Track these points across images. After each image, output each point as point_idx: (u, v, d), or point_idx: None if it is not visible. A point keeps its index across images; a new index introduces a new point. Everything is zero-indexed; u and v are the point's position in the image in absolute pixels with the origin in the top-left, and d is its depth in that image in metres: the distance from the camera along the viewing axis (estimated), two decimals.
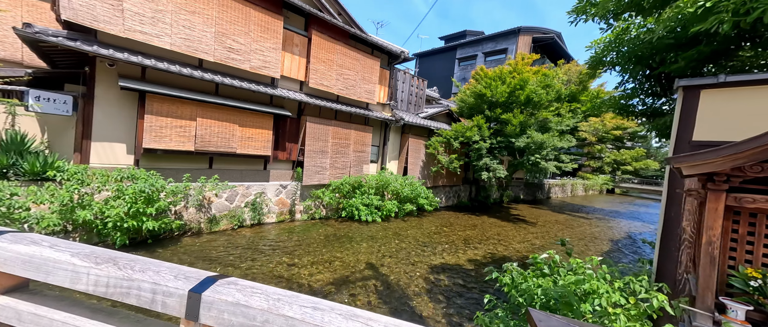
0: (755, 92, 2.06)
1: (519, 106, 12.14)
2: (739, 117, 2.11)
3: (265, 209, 8.04)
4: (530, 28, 28.10)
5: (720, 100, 2.20)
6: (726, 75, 2.06)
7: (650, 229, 13.42)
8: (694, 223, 2.27)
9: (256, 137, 7.57)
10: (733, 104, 2.13)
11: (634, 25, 3.85)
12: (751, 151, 0.93)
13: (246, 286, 1.01)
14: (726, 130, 2.14)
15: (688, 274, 1.27)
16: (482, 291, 5.10)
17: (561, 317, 0.82)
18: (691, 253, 2.29)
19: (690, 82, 2.30)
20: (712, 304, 1.07)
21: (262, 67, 7.55)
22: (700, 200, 1.23)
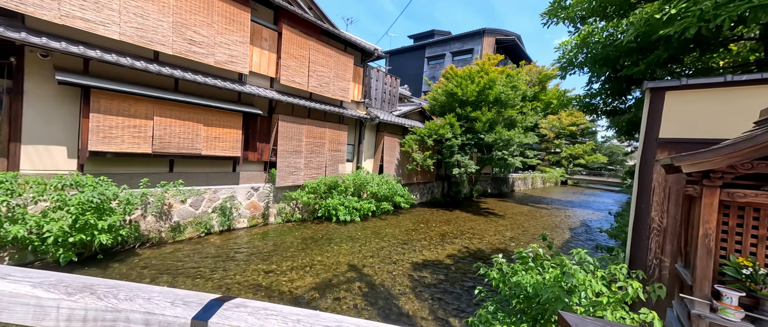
0: (712, 94, 2.33)
1: (488, 104, 12.66)
2: (698, 116, 2.38)
3: (236, 214, 7.53)
4: (493, 30, 29.42)
5: (682, 101, 2.46)
6: (687, 78, 2.31)
7: (600, 216, 14.75)
8: (663, 214, 2.51)
9: (223, 137, 7.05)
10: (694, 105, 2.39)
11: (597, 28, 4.16)
12: (746, 151, 1.01)
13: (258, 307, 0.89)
14: (688, 128, 2.40)
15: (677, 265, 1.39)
16: (464, 286, 5.24)
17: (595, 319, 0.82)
18: (659, 240, 2.54)
19: (656, 85, 2.54)
20: (709, 292, 1.16)
21: (228, 62, 7.04)
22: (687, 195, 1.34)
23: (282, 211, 8.55)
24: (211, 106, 6.66)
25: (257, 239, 6.91)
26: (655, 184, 2.56)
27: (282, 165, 8.32)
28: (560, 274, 2.35)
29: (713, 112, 2.31)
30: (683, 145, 2.43)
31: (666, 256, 2.50)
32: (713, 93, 2.33)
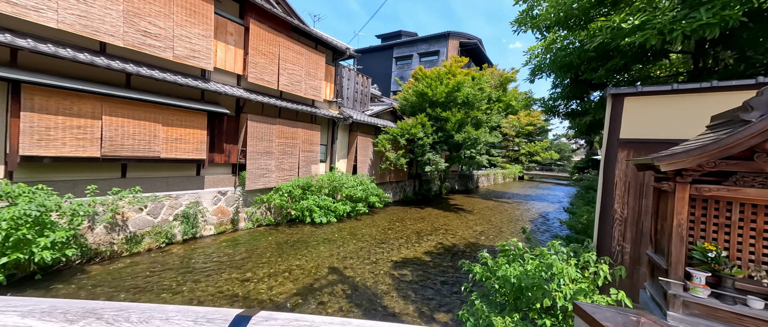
0: (662, 100, 2.70)
1: (457, 105, 13.17)
2: (652, 119, 2.74)
3: (202, 221, 7.01)
4: (458, 33, 30.60)
5: (639, 106, 2.82)
6: (643, 86, 2.66)
7: (555, 208, 16.10)
8: (624, 206, 2.86)
9: (185, 138, 6.50)
10: (648, 109, 2.75)
11: (560, 37, 4.55)
12: (713, 152, 1.20)
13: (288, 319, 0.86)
14: (644, 130, 2.76)
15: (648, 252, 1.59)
16: (444, 281, 5.42)
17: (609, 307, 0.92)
18: (621, 229, 2.89)
19: (617, 91, 2.88)
20: (682, 274, 1.35)
21: (189, 57, 6.50)
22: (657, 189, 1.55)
23: (253, 215, 8.13)
24: (170, 104, 6.11)
25: (228, 246, 6.49)
26: (617, 180, 2.90)
27: (252, 167, 7.90)
28: (540, 263, 2.56)
29: (664, 115, 2.68)
30: (640, 145, 2.80)
31: (627, 242, 2.85)
32: (663, 99, 2.70)
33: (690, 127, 2.59)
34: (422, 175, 17.26)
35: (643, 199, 2.80)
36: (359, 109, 13.51)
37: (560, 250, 2.79)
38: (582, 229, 6.98)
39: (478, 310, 2.54)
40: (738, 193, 1.28)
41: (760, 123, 1.12)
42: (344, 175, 10.24)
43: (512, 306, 2.74)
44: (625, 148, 2.86)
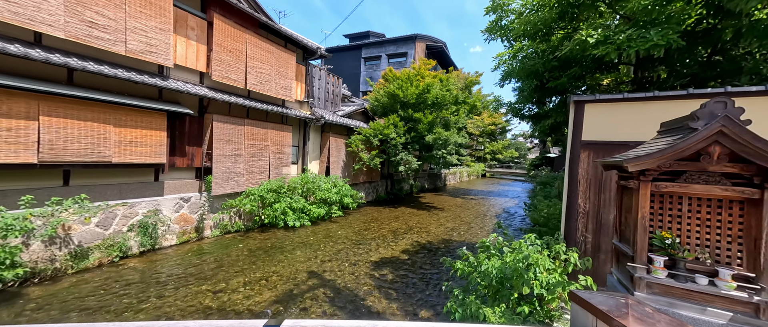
0: (617, 106, 3.08)
1: (427, 107, 13.55)
2: (608, 123, 3.11)
3: (162, 230, 6.45)
4: (424, 36, 31.43)
5: (597, 112, 3.18)
6: (600, 94, 3.02)
7: (515, 203, 17.20)
8: (586, 201, 3.20)
9: (142, 141, 5.93)
10: (605, 114, 3.12)
11: (525, 45, 4.93)
12: (670, 155, 1.42)
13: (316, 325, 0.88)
14: (602, 132, 3.12)
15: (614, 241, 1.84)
16: (423, 278, 5.59)
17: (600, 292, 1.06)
18: (584, 221, 3.23)
19: (579, 98, 3.22)
20: (646, 260, 1.57)
21: (145, 52, 5.94)
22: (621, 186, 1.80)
23: (220, 222, 7.66)
24: (124, 103, 5.54)
25: (193, 257, 6.05)
26: (580, 177, 3.24)
27: (219, 171, 7.44)
28: (518, 254, 2.77)
29: (617, 120, 3.07)
30: (599, 146, 3.16)
31: (589, 233, 3.21)
32: (617, 106, 3.09)
33: (638, 130, 2.98)
34: (394, 175, 17.50)
35: (601, 194, 3.17)
36: (330, 109, 13.33)
37: (535, 242, 3.05)
38: (544, 222, 7.60)
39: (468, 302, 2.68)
40: (687, 189, 1.54)
41: (704, 131, 1.36)
42: (317, 176, 10.05)
43: (493, 298, 2.93)
44: (587, 149, 3.21)
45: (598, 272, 3.05)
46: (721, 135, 1.39)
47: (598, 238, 3.19)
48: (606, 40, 3.05)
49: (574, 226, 3.27)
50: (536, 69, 4.13)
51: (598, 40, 3.10)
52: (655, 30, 2.79)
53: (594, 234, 3.19)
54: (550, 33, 3.93)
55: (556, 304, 2.57)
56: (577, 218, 3.26)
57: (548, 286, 2.52)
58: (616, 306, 1.06)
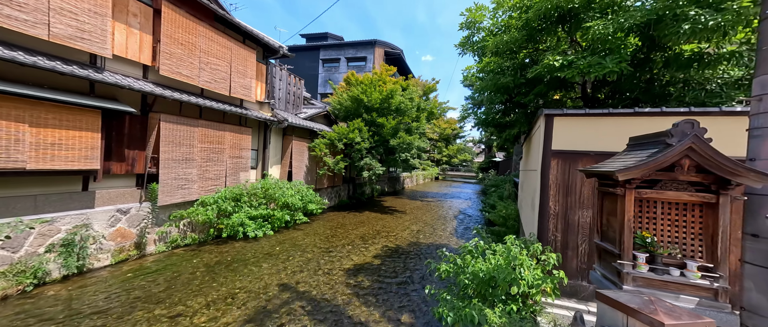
0: (580, 120, 3.51)
1: (390, 112, 13.78)
2: (576, 135, 3.53)
3: (93, 248, 5.46)
4: (383, 42, 32.01)
5: (565, 124, 3.59)
6: (566, 108, 3.42)
7: (468, 205, 18.28)
8: (556, 204, 3.57)
9: (68, 143, 4.97)
10: (572, 127, 3.53)
11: (491, 63, 5.33)
12: (652, 166, 1.68)
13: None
14: (569, 143, 3.53)
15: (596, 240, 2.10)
16: (400, 283, 5.63)
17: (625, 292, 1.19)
18: (554, 222, 3.60)
19: (550, 112, 3.61)
20: (631, 256, 1.82)
21: (74, 38, 5.02)
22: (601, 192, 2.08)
23: (167, 235, 6.77)
24: (43, 98, 4.58)
25: (137, 278, 5.23)
26: (551, 182, 3.61)
27: (167, 177, 6.58)
28: (508, 256, 2.97)
29: (580, 132, 3.50)
30: (567, 155, 3.56)
31: (559, 232, 3.58)
32: (580, 119, 3.53)
33: (596, 141, 3.43)
34: (356, 179, 17.38)
35: (569, 197, 3.58)
36: (292, 111, 12.77)
37: (515, 243, 3.29)
38: (502, 222, 8.24)
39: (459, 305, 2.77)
40: (662, 195, 1.83)
41: (679, 146, 1.64)
42: (280, 182, 9.50)
43: (481, 298, 3.08)
44: (556, 157, 3.60)
45: (566, 267, 3.43)
46: (690, 150, 1.69)
47: (566, 236, 3.58)
48: (570, 65, 3.49)
49: (546, 226, 3.64)
50: (507, 84, 4.52)
51: (563, 63, 3.53)
52: (610, 58, 3.28)
53: (563, 233, 3.58)
54: (518, 52, 4.35)
55: (539, 298, 2.81)
56: (548, 219, 3.62)
57: (533, 284, 2.75)
58: (644, 303, 1.22)
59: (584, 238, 3.51)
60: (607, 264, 2.06)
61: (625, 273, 1.83)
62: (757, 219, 1.68)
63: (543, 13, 3.64)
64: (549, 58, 3.59)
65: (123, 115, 5.92)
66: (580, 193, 3.54)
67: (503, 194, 13.55)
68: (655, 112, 3.23)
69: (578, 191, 3.55)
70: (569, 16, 3.82)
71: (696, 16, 2.77)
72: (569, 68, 3.48)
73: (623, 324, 1.29)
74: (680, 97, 3.74)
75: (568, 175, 3.58)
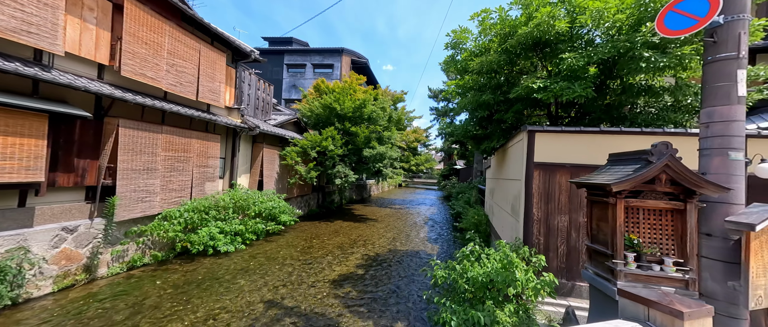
0: (558, 136, 3.99)
1: (363, 121, 13.90)
2: (555, 149, 3.99)
3: (31, 274, 4.66)
4: (350, 50, 32.22)
5: (545, 139, 4.04)
6: (546, 125, 3.87)
7: (435, 211, 18.90)
8: (539, 210, 3.97)
9: (5, 152, 4.23)
10: (552, 142, 3.99)
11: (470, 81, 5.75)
12: (639, 178, 2.03)
13: None
14: (549, 156, 3.98)
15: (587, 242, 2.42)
16: (388, 290, 5.68)
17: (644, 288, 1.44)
18: (538, 226, 4.00)
19: (532, 128, 4.05)
20: (622, 256, 2.15)
21: (18, 31, 4.34)
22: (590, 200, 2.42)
23: (123, 255, 6.02)
24: None
25: (91, 305, 4.57)
26: (534, 191, 4.02)
27: (126, 189, 5.89)
28: (503, 259, 3.23)
29: (557, 147, 3.97)
30: (547, 166, 4.01)
31: (541, 236, 3.98)
32: (557, 135, 4.01)
33: (570, 154, 3.92)
34: (325, 188, 17.06)
35: (549, 204, 4.01)
36: (261, 117, 12.24)
37: (505, 247, 3.58)
38: (474, 228, 8.75)
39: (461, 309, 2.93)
40: (644, 204, 2.21)
41: (658, 163, 2.02)
42: (251, 192, 9.01)
43: (478, 301, 3.30)
44: (538, 169, 4.04)
45: (548, 267, 3.83)
46: (667, 166, 2.08)
47: (547, 239, 4.00)
48: (546, 88, 3.98)
49: (530, 230, 4.02)
50: (488, 101, 4.94)
51: (540, 86, 4.01)
52: (578, 83, 3.83)
53: (545, 236, 4.00)
54: (498, 72, 4.80)
55: (535, 298, 3.10)
56: (532, 224, 4.02)
57: (527, 284, 3.03)
58: (660, 296, 1.47)
59: (563, 241, 3.97)
60: (599, 263, 2.41)
61: (618, 270, 2.16)
62: (709, 221, 2.12)
63: (523, 40, 4.12)
64: (528, 81, 4.06)
65: (73, 120, 5.21)
66: (559, 201, 4.00)
67: (470, 200, 14.33)
68: (615, 131, 3.84)
69: (557, 199, 4.01)
70: (543, 45, 4.37)
71: (650, 57, 3.42)
72: (545, 91, 3.97)
73: (644, 315, 1.56)
74: (633, 118, 4.46)
75: (548, 185, 4.03)
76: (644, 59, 3.48)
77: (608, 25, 3.77)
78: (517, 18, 4.50)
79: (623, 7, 3.67)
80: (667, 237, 2.31)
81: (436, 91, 27.25)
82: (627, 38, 3.60)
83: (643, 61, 3.48)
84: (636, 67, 3.59)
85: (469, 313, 2.97)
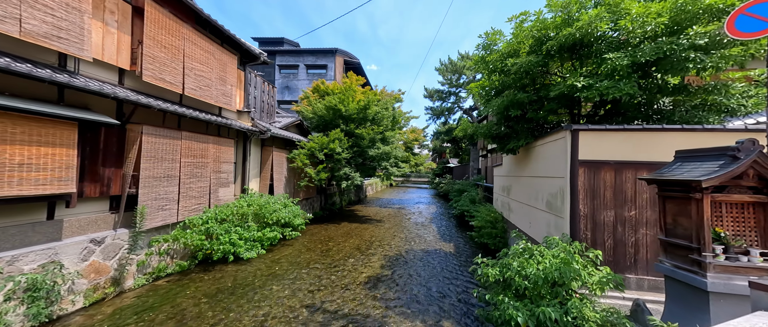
0: (603, 134, 4.15)
1: (367, 121, 13.90)
2: (598, 146, 4.15)
3: (65, 290, 4.47)
4: (344, 51, 32.04)
5: (590, 137, 4.20)
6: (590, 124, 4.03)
7: (435, 210, 18.95)
8: (585, 206, 4.12)
9: (38, 163, 4.04)
10: (595, 140, 4.16)
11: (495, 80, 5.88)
12: (730, 175, 2.18)
13: None
14: (594, 153, 4.14)
15: (662, 237, 2.57)
16: (423, 290, 5.75)
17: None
18: (585, 222, 4.15)
19: (576, 127, 4.21)
20: (711, 249, 2.30)
21: (49, 36, 4.16)
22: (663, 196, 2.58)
23: (147, 266, 5.84)
24: (16, 108, 3.68)
25: (129, 320, 4.42)
26: (579, 188, 4.17)
27: (147, 198, 5.72)
28: (566, 257, 3.34)
29: (602, 145, 4.15)
30: (592, 164, 4.18)
31: (588, 231, 4.15)
32: (601, 134, 4.18)
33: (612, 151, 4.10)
34: (327, 190, 16.94)
35: (594, 200, 4.18)
36: (266, 120, 12.06)
37: (559, 243, 3.71)
38: (491, 226, 8.91)
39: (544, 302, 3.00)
40: (729, 198, 2.37)
41: (747, 160, 2.17)
42: (267, 197, 8.89)
43: (537, 298, 3.40)
44: (583, 166, 4.20)
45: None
46: (755, 163, 2.24)
47: (594, 234, 4.17)
48: (591, 87, 4.15)
49: (578, 226, 4.19)
50: (523, 100, 5.09)
51: (584, 85, 4.18)
52: (624, 82, 4.01)
53: (591, 231, 4.17)
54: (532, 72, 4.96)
55: (599, 292, 3.22)
56: (579, 220, 4.17)
57: (589, 278, 3.16)
58: None
59: (609, 235, 4.15)
60: (677, 256, 2.57)
61: (708, 263, 2.32)
62: None
63: (563, 42, 4.27)
64: (572, 80, 4.22)
65: (98, 128, 5.02)
66: (604, 196, 4.18)
67: (475, 198, 14.54)
68: (657, 128, 4.06)
69: (602, 195, 4.19)
70: (581, 46, 4.54)
71: (695, 58, 3.65)
72: (589, 89, 4.14)
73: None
74: (669, 116, 4.69)
75: (593, 181, 4.21)
76: (691, 60, 3.69)
77: (652, 27, 3.96)
78: (553, 19, 4.66)
79: (663, 11, 3.87)
80: (749, 229, 2.48)
81: (432, 91, 27.48)
82: (671, 40, 3.81)
83: (689, 62, 3.70)
84: (681, 67, 3.80)
85: (536, 310, 3.07)
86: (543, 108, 5.06)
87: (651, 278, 3.94)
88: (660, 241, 2.81)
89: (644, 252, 4.02)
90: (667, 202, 2.74)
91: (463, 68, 24.96)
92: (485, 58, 5.61)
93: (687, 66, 3.74)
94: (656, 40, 4.11)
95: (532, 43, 4.99)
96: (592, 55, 4.60)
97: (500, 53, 5.35)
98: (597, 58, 4.40)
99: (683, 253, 2.56)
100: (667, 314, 2.66)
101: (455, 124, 30.62)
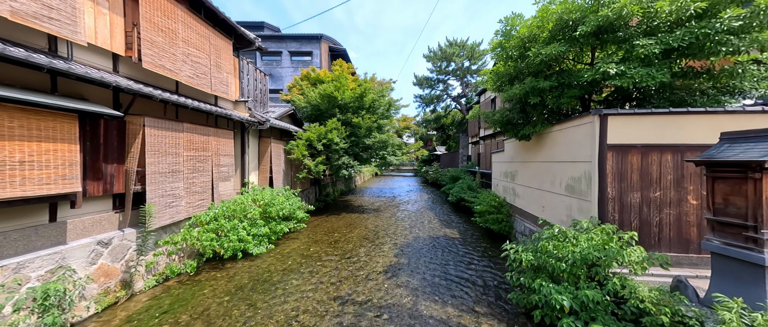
0: (634, 118, 4.27)
1: (364, 110, 13.66)
2: (626, 130, 4.27)
3: (76, 296, 4.15)
4: (329, 37, 31.03)
5: (619, 122, 4.31)
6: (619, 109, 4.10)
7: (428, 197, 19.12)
8: (612, 189, 4.26)
9: (40, 160, 3.64)
10: (626, 124, 4.28)
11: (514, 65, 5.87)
12: None
13: None
14: (622, 137, 4.26)
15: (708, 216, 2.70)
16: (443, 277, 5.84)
17: None
18: (613, 204, 4.30)
19: (605, 112, 4.29)
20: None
21: (39, 16, 3.66)
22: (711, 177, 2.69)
23: (155, 266, 5.53)
24: (12, 99, 3.25)
25: (153, 321, 4.19)
26: (608, 172, 4.31)
27: (154, 195, 5.36)
28: (602, 238, 3.46)
29: (630, 129, 4.28)
30: (620, 147, 4.31)
31: (616, 212, 4.31)
32: (629, 118, 4.30)
33: (639, 135, 4.23)
34: (320, 181, 16.68)
35: (622, 182, 4.34)
36: (260, 110, 11.54)
37: (590, 226, 3.83)
38: (496, 211, 9.13)
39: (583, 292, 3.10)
40: None
41: None
42: (271, 191, 8.60)
43: (573, 280, 3.52)
44: (611, 150, 4.32)
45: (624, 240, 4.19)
46: None
47: (622, 216, 4.35)
48: (623, 74, 4.23)
49: (606, 208, 4.35)
50: (544, 88, 5.12)
51: (617, 72, 4.25)
52: (656, 69, 4.12)
53: (619, 213, 4.34)
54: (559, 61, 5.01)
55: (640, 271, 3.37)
56: (607, 202, 4.33)
57: (628, 258, 3.30)
58: None
59: (636, 216, 4.35)
60: (727, 234, 2.72)
61: (765, 239, 2.46)
62: None
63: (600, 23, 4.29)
64: (605, 66, 4.27)
65: (97, 120, 4.58)
66: (631, 179, 4.35)
67: (472, 185, 14.81)
68: (682, 111, 4.24)
69: (629, 178, 4.36)
70: (608, 31, 4.59)
71: (730, 41, 3.78)
72: (622, 77, 4.22)
73: None
74: (692, 99, 4.88)
75: (620, 165, 4.35)
76: (724, 43, 3.83)
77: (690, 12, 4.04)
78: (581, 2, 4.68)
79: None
80: None
81: (421, 79, 27.34)
82: (702, 25, 3.92)
83: (723, 45, 3.83)
84: (714, 50, 3.94)
85: (579, 293, 3.18)
86: (563, 94, 5.12)
87: (673, 254, 4.19)
88: (707, 220, 2.98)
89: (668, 230, 4.26)
90: (717, 183, 2.88)
91: (452, 55, 24.92)
92: (503, 44, 5.57)
93: (720, 50, 3.89)
94: (686, 24, 4.21)
95: (552, 26, 4.99)
96: (618, 41, 4.67)
97: (519, 38, 5.32)
98: (626, 44, 4.47)
99: (736, 231, 2.72)
100: (713, 289, 2.84)
101: (443, 111, 30.78)
